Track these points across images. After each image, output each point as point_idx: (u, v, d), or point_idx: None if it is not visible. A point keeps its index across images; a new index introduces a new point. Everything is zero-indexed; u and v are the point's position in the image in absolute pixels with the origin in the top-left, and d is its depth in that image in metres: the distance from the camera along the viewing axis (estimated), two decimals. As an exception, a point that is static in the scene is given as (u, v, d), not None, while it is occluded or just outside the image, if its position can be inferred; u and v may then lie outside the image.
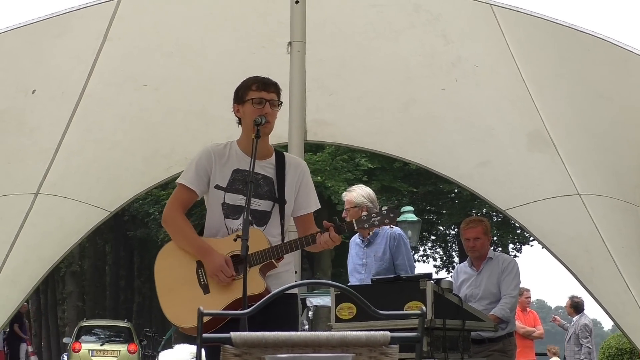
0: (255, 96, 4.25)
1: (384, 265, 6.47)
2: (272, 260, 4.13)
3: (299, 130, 5.47)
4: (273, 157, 4.37)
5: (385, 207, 4.28)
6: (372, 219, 4.23)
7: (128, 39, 5.84)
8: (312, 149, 23.07)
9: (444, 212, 30.20)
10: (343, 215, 6.55)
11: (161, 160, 6.94)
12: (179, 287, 4.18)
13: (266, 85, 4.28)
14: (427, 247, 34.18)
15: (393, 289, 5.34)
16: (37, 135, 6.01)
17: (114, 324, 26.26)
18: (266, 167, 4.31)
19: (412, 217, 20.33)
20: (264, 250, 4.11)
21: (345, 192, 6.68)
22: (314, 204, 4.43)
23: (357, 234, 6.62)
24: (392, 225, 4.18)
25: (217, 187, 4.28)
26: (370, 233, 6.50)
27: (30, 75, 5.55)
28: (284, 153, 4.49)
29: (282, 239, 4.28)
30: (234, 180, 4.28)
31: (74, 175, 6.59)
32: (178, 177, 4.40)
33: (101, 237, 36.72)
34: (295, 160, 4.50)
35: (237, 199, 4.25)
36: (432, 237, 33.65)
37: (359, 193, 6.54)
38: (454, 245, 33.18)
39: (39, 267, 6.99)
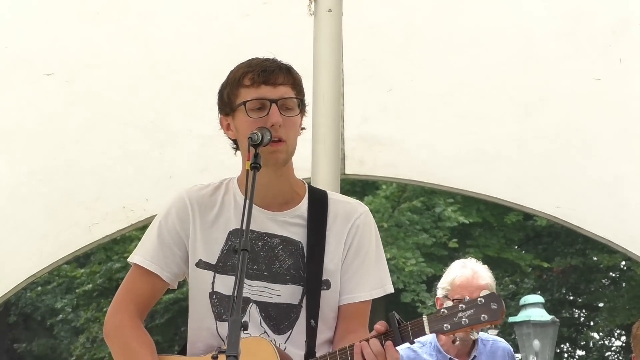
0: (251, 97, 4.22)
1: None
2: None
3: (330, 157, 5.48)
4: (304, 203, 4.34)
5: (484, 295, 4.08)
6: (459, 315, 4.06)
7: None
8: (356, 189, 23.13)
9: (601, 305, 30.15)
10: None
11: (77, 212, 6.98)
12: None
13: (269, 75, 4.24)
14: (570, 369, 34.24)
15: None
16: None
17: None
18: (288, 224, 4.29)
19: (541, 314, 20.29)
20: None
21: (460, 270, 6.51)
22: (372, 287, 4.34)
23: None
24: (493, 325, 4.09)
25: (201, 264, 4.28)
26: (477, 338, 6.47)
27: None
28: (328, 193, 4.43)
29: (310, 353, 4.23)
30: (231, 250, 4.27)
31: None
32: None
33: (-30, 353, 37.06)
34: (347, 207, 4.40)
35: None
36: (580, 352, 33.65)
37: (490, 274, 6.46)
38: (618, 365, 33.17)
39: None
